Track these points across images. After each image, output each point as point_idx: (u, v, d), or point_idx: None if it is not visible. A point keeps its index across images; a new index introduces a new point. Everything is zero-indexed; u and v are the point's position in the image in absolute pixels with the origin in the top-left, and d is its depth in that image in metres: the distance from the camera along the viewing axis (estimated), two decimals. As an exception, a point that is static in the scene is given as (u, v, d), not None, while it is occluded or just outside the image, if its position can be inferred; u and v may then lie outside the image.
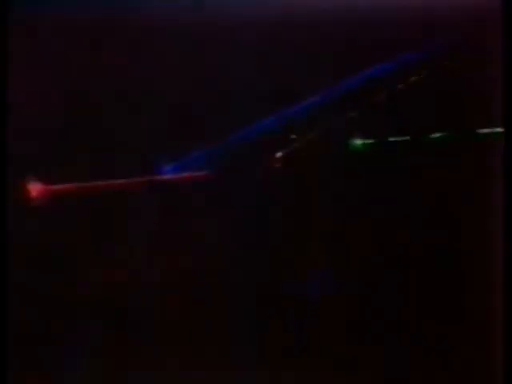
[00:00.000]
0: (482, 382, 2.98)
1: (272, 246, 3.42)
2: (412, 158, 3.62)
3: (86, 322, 3.25)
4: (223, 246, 3.43)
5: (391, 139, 3.59)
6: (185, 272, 3.40)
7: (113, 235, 3.48)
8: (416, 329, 3.22)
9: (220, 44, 3.70)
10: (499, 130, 3.30)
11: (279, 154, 3.56)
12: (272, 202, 3.49)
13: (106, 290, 3.35)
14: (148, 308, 3.29)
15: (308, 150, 3.56)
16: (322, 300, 3.30)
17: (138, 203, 3.50)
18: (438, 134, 3.65)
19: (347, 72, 3.67)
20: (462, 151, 3.54)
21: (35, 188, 3.44)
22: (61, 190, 3.47)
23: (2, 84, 3.29)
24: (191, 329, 3.24)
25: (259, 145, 3.58)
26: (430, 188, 3.55)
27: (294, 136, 3.57)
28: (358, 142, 3.55)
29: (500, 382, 2.85)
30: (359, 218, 3.48)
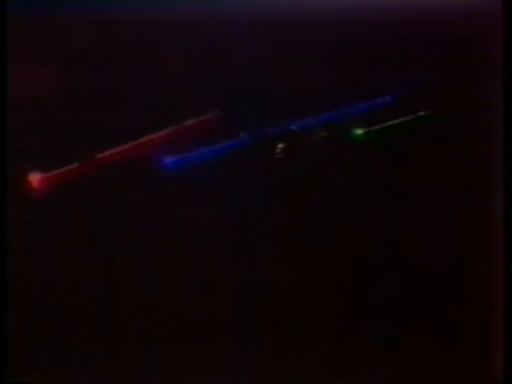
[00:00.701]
0: (482, 380, 2.98)
1: (273, 241, 3.41)
2: (412, 157, 3.62)
3: (89, 320, 3.24)
4: (223, 240, 3.42)
5: (391, 138, 3.59)
6: (184, 269, 3.39)
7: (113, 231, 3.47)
8: (415, 329, 3.22)
9: (227, 44, 3.70)
10: (498, 129, 3.29)
11: (280, 145, 3.54)
12: (273, 193, 3.48)
13: (108, 285, 3.34)
14: (151, 308, 3.28)
15: (309, 140, 3.55)
16: (321, 300, 3.30)
17: (139, 196, 3.49)
18: (437, 133, 3.65)
19: (352, 73, 3.66)
20: (461, 150, 3.54)
21: (35, 178, 3.42)
22: (59, 176, 3.45)
23: (2, 84, 3.29)
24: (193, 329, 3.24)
25: (261, 138, 3.57)
26: (429, 185, 3.55)
27: (294, 127, 3.55)
28: (359, 131, 3.53)
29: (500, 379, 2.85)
30: (359, 211, 3.47)
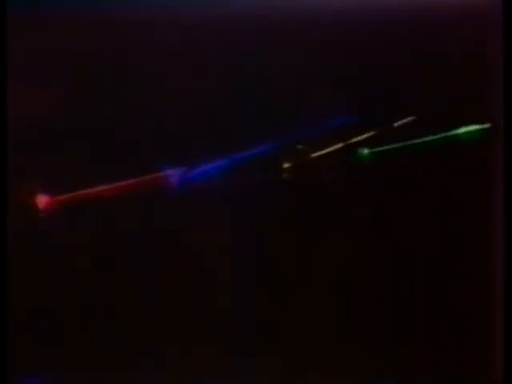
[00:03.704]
0: (482, 380, 2.98)
1: (277, 257, 3.41)
2: (414, 162, 3.62)
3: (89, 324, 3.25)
4: (227, 256, 3.42)
5: (396, 146, 3.58)
6: (185, 280, 3.40)
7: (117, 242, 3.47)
8: (415, 329, 3.23)
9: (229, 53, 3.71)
10: (499, 130, 3.30)
11: (286, 165, 3.55)
12: (279, 212, 3.48)
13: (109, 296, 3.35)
14: (152, 316, 3.29)
15: (315, 160, 3.56)
16: (325, 304, 3.31)
17: (146, 211, 3.49)
18: (438, 136, 3.66)
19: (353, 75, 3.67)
20: (462, 153, 3.55)
21: (42, 200, 3.40)
22: (68, 200, 3.43)
23: (1, 84, 3.29)
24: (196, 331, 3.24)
25: (267, 156, 3.58)
26: (432, 191, 3.56)
27: (300, 146, 3.56)
28: (365, 151, 3.54)
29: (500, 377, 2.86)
30: (364, 227, 3.48)
